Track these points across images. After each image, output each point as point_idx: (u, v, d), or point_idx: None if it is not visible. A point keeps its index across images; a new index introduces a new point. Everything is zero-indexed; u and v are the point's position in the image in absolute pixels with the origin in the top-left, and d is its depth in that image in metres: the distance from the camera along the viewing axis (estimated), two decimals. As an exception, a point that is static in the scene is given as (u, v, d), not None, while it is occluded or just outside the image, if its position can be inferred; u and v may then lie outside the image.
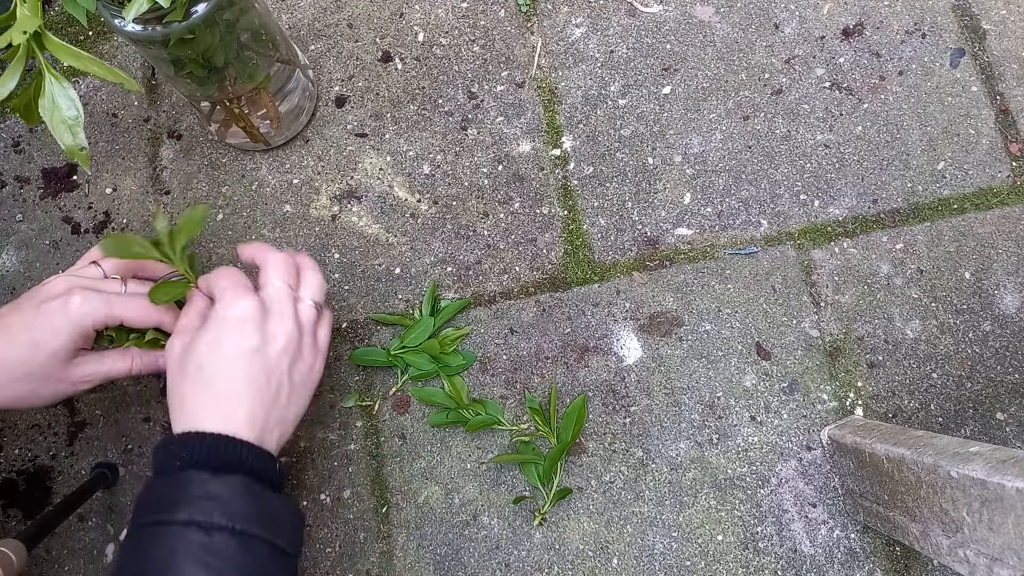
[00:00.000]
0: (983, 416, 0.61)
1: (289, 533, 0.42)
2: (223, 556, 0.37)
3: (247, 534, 0.39)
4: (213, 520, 0.38)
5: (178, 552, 0.37)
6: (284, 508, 0.42)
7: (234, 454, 0.41)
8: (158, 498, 0.40)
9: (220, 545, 0.38)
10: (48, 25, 0.72)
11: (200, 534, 0.38)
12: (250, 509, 0.39)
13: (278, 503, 0.42)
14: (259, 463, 0.42)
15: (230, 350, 0.44)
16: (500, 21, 0.72)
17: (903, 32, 0.70)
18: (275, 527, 0.40)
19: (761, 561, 0.59)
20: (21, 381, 0.46)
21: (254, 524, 0.39)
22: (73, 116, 0.44)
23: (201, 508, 0.38)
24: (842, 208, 0.66)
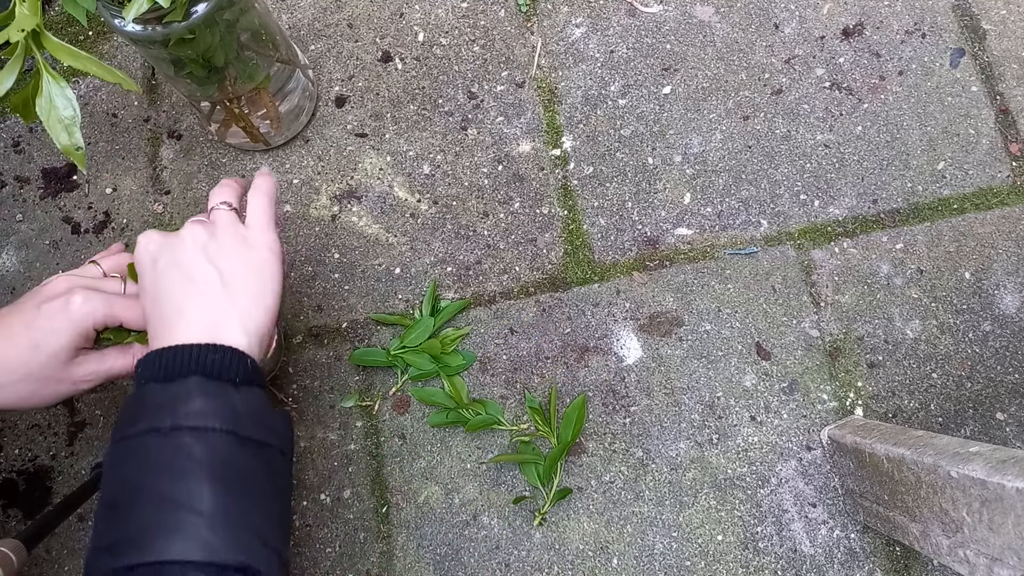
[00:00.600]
0: (983, 416, 0.61)
1: (259, 423, 0.41)
2: (185, 455, 0.37)
3: (204, 429, 0.38)
4: (167, 423, 0.38)
5: (142, 459, 0.38)
6: (250, 400, 0.41)
7: (184, 359, 0.40)
8: (124, 417, 0.40)
9: (182, 445, 0.38)
10: (48, 25, 0.72)
11: (159, 439, 0.38)
12: (205, 405, 0.39)
13: (240, 395, 0.40)
14: (215, 361, 0.41)
15: (147, 273, 0.44)
16: (500, 21, 0.72)
17: (903, 32, 0.70)
18: (238, 418, 0.40)
19: (761, 561, 0.59)
20: (22, 382, 0.46)
21: (210, 418, 0.38)
22: (70, 116, 0.44)
23: (157, 415, 0.38)
24: (842, 208, 0.66)
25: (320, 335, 0.64)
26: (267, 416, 0.42)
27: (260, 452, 0.40)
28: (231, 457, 0.39)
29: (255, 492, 0.39)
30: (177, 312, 0.43)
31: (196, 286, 0.43)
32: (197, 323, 0.42)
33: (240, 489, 0.39)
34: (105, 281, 0.50)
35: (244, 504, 0.38)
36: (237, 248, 0.46)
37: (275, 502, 0.41)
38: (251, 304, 0.45)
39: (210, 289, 0.44)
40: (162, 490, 0.37)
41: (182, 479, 0.37)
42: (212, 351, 0.41)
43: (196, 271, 0.44)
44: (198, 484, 0.37)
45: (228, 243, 0.46)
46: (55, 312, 0.46)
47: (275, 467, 0.42)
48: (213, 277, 0.44)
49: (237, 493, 0.38)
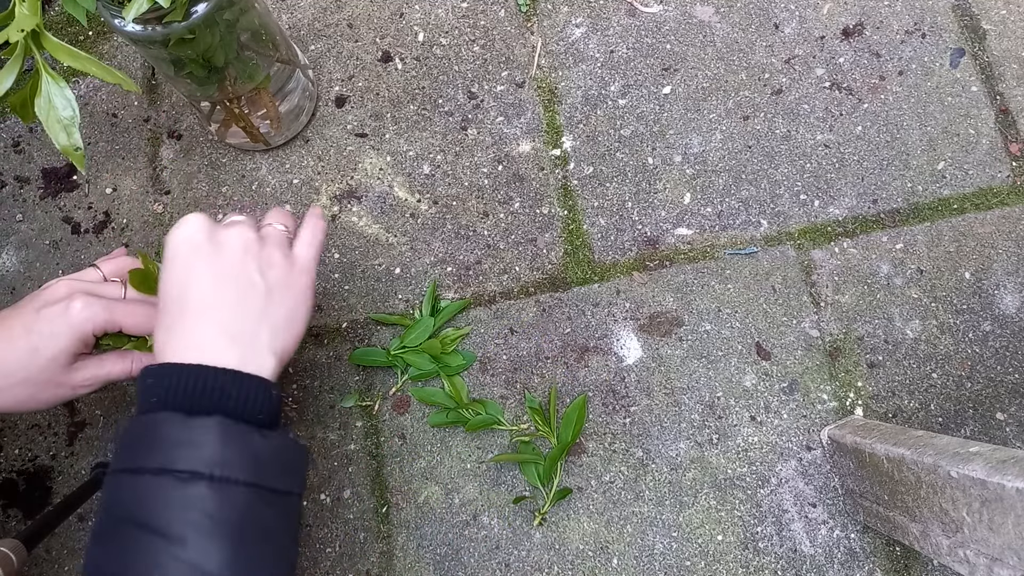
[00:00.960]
0: (983, 416, 0.61)
1: (280, 471, 0.39)
2: (202, 510, 0.35)
3: (225, 480, 0.36)
4: (186, 468, 0.36)
5: (155, 504, 0.36)
6: (273, 445, 0.39)
7: (210, 387, 0.38)
8: (134, 442, 0.38)
9: (198, 497, 0.36)
10: (48, 25, 0.72)
11: (174, 483, 0.36)
12: (227, 454, 0.37)
13: (265, 441, 0.38)
14: (241, 396, 0.38)
15: (185, 267, 0.42)
16: (500, 21, 0.72)
17: (903, 32, 0.70)
18: (261, 469, 0.38)
19: (761, 561, 0.59)
20: (20, 385, 0.45)
21: (233, 469, 0.36)
22: (69, 116, 0.44)
23: (174, 455, 0.36)
24: (842, 208, 0.66)
25: (320, 335, 0.64)
26: (289, 460, 0.40)
27: (279, 502, 0.39)
28: (249, 512, 0.37)
29: (270, 550, 0.38)
30: (209, 315, 0.41)
31: (238, 292, 0.42)
32: (223, 331, 0.40)
33: (256, 549, 0.37)
34: (105, 286, 0.49)
35: (258, 564, 0.37)
36: (285, 266, 0.45)
37: (288, 555, 0.39)
38: (285, 325, 0.43)
39: (252, 298, 0.42)
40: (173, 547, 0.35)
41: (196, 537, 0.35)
42: (238, 383, 0.39)
43: (243, 277, 0.42)
44: (213, 544, 0.35)
45: (278, 259, 0.45)
46: (55, 317, 0.45)
47: (291, 514, 0.40)
48: (258, 287, 0.42)
49: (254, 553, 0.37)
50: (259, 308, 0.42)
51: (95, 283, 0.49)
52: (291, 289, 0.44)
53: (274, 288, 0.43)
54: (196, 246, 0.42)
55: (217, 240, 0.43)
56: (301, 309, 0.45)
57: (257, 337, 0.41)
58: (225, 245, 0.43)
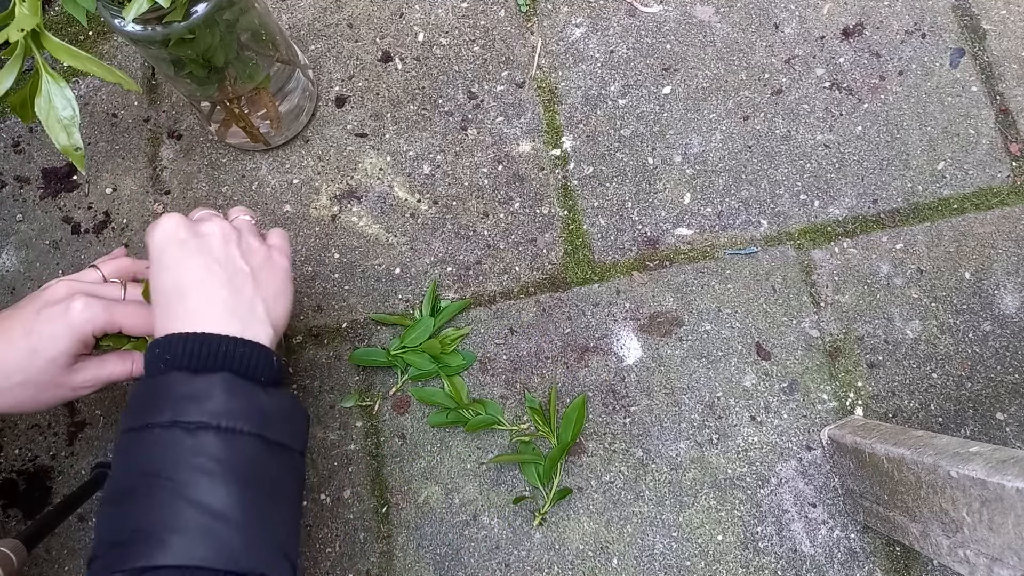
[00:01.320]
0: (983, 416, 0.61)
1: (283, 426, 0.41)
2: (209, 455, 0.37)
3: (231, 430, 0.38)
4: (194, 419, 0.37)
5: (165, 454, 0.37)
6: (276, 402, 0.41)
7: (215, 349, 0.40)
8: (143, 402, 0.39)
9: (206, 444, 0.37)
10: (48, 25, 0.72)
11: (184, 435, 0.37)
12: (233, 405, 0.38)
13: (268, 397, 0.40)
14: (244, 356, 0.40)
15: (174, 258, 0.43)
16: (500, 21, 0.72)
17: (903, 32, 0.70)
18: (266, 421, 0.39)
19: (761, 561, 0.59)
20: (20, 387, 0.45)
21: (239, 419, 0.38)
22: (69, 116, 0.44)
23: (183, 408, 0.38)
24: (842, 208, 0.66)
25: (320, 335, 0.64)
26: (291, 418, 0.42)
27: (283, 456, 0.40)
28: (256, 461, 0.38)
29: (277, 499, 0.39)
30: (204, 296, 0.42)
31: (227, 275, 0.43)
32: (220, 307, 0.42)
33: (262, 494, 0.38)
34: (105, 287, 0.49)
35: (266, 512, 0.38)
36: (264, 251, 0.47)
37: (293, 509, 0.41)
38: (275, 300, 0.45)
39: (240, 281, 0.44)
40: (182, 489, 0.36)
41: (205, 480, 0.37)
42: (241, 345, 0.41)
43: (229, 263, 0.44)
44: (221, 487, 0.37)
45: (256, 244, 0.47)
46: (54, 318, 0.45)
47: (296, 471, 0.41)
48: (244, 271, 0.44)
49: (259, 498, 0.38)
50: (250, 287, 0.44)
51: (95, 284, 0.49)
52: (273, 271, 0.47)
53: (258, 270, 0.46)
54: (180, 241, 0.44)
55: (198, 233, 0.45)
56: (285, 288, 0.47)
57: (253, 310, 0.43)
58: (207, 236, 0.45)
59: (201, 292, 0.42)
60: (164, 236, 0.44)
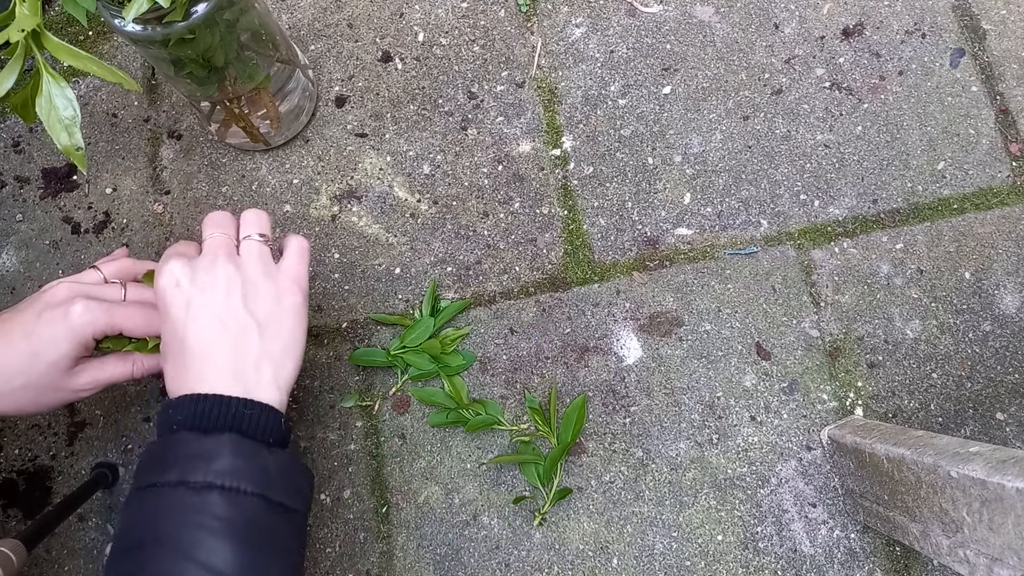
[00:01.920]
0: (983, 416, 0.61)
1: (287, 487, 0.41)
2: (212, 514, 0.37)
3: (236, 490, 0.38)
4: (200, 479, 0.38)
5: (171, 513, 0.38)
6: (281, 463, 0.41)
7: (221, 411, 0.40)
8: (152, 461, 0.40)
9: (210, 503, 0.38)
10: (48, 25, 0.72)
11: (189, 494, 0.38)
12: (239, 465, 0.39)
13: (273, 458, 0.41)
14: (251, 418, 0.41)
15: (177, 315, 0.43)
16: (500, 21, 0.72)
17: (903, 32, 0.70)
18: (270, 482, 0.40)
19: (761, 561, 0.59)
20: (21, 390, 0.45)
21: (243, 480, 0.39)
22: (70, 116, 0.44)
23: (189, 468, 0.38)
24: (842, 208, 0.66)
25: (320, 335, 0.64)
26: (295, 479, 0.42)
27: (286, 516, 0.41)
28: (258, 520, 0.39)
29: (277, 555, 0.39)
30: (209, 358, 0.42)
31: (231, 335, 0.43)
32: (227, 372, 0.42)
33: (263, 552, 0.38)
34: (105, 288, 0.49)
35: (265, 567, 0.38)
36: (271, 291, 0.46)
37: (294, 564, 0.41)
38: (284, 355, 0.45)
39: (246, 339, 0.43)
40: (183, 546, 0.37)
41: (206, 538, 0.37)
42: (248, 407, 0.41)
43: (231, 319, 0.44)
44: (222, 544, 0.37)
45: (263, 286, 0.46)
46: (55, 321, 0.45)
47: (297, 529, 0.42)
48: (250, 327, 0.44)
49: (259, 556, 0.38)
50: (256, 347, 0.44)
51: (95, 285, 0.49)
52: (284, 315, 0.46)
53: (265, 323, 0.45)
54: (183, 292, 0.44)
55: (202, 287, 0.44)
56: (298, 331, 0.46)
57: (260, 374, 0.43)
58: (209, 291, 0.44)
59: (205, 352, 0.42)
60: (166, 284, 0.44)
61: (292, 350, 0.45)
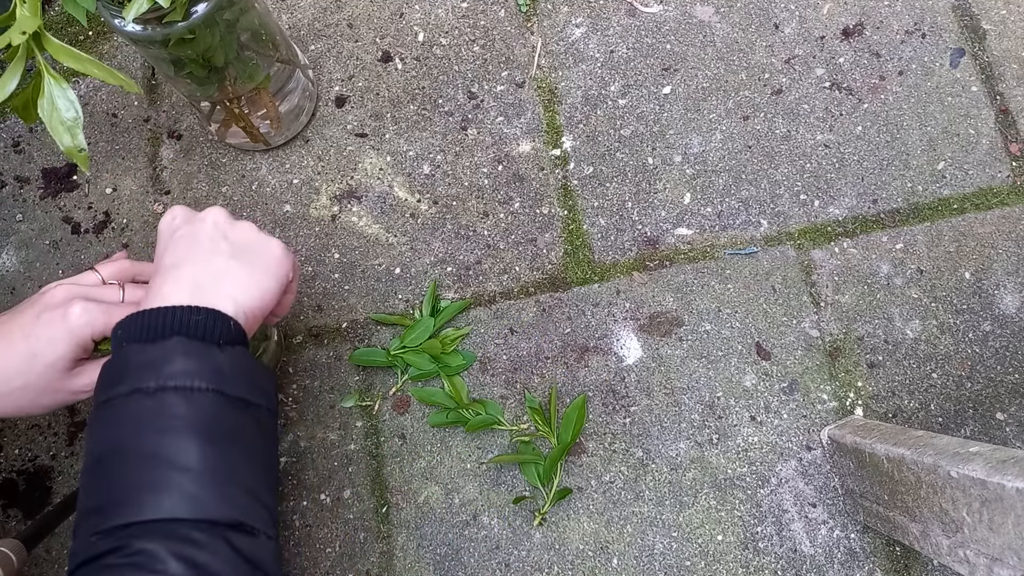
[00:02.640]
0: (983, 416, 0.61)
1: (246, 383, 0.41)
2: (171, 414, 0.37)
3: (191, 389, 0.38)
4: (152, 383, 0.38)
5: (130, 421, 0.38)
6: (235, 360, 0.41)
7: (165, 320, 0.40)
8: (106, 379, 0.40)
9: (167, 404, 0.38)
10: (48, 25, 0.72)
11: (145, 399, 0.38)
12: (189, 366, 0.39)
13: (226, 356, 0.40)
14: (198, 322, 0.40)
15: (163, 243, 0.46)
16: (500, 21, 0.72)
17: (903, 32, 0.70)
18: (224, 378, 0.40)
19: (761, 561, 0.59)
20: (20, 391, 0.45)
21: (195, 378, 0.38)
22: (72, 117, 0.44)
23: (142, 376, 0.38)
24: (842, 208, 0.66)
25: (320, 335, 0.64)
26: (253, 375, 0.42)
27: (247, 410, 0.41)
28: (218, 415, 0.39)
29: (244, 449, 0.40)
30: (175, 274, 0.43)
31: (200, 249, 0.44)
32: (186, 284, 0.42)
33: (229, 446, 0.39)
34: (103, 289, 0.49)
35: (233, 461, 0.38)
36: (254, 234, 0.47)
37: (264, 459, 0.41)
38: (249, 280, 0.44)
39: (211, 254, 0.44)
40: (148, 449, 0.37)
41: (169, 437, 0.37)
42: (194, 312, 0.41)
43: (205, 237, 0.45)
44: (185, 441, 0.37)
45: (247, 228, 0.47)
46: (53, 322, 0.45)
47: (263, 425, 0.42)
48: (220, 245, 0.45)
49: (226, 450, 0.38)
50: (223, 265, 0.44)
51: (93, 287, 0.49)
52: (259, 252, 0.46)
53: (240, 249, 0.45)
54: (175, 226, 0.46)
55: (191, 217, 0.47)
56: (272, 271, 0.46)
57: (218, 286, 0.43)
58: (199, 219, 0.46)
59: (171, 268, 0.43)
60: (162, 226, 0.47)
61: (260, 282, 0.45)
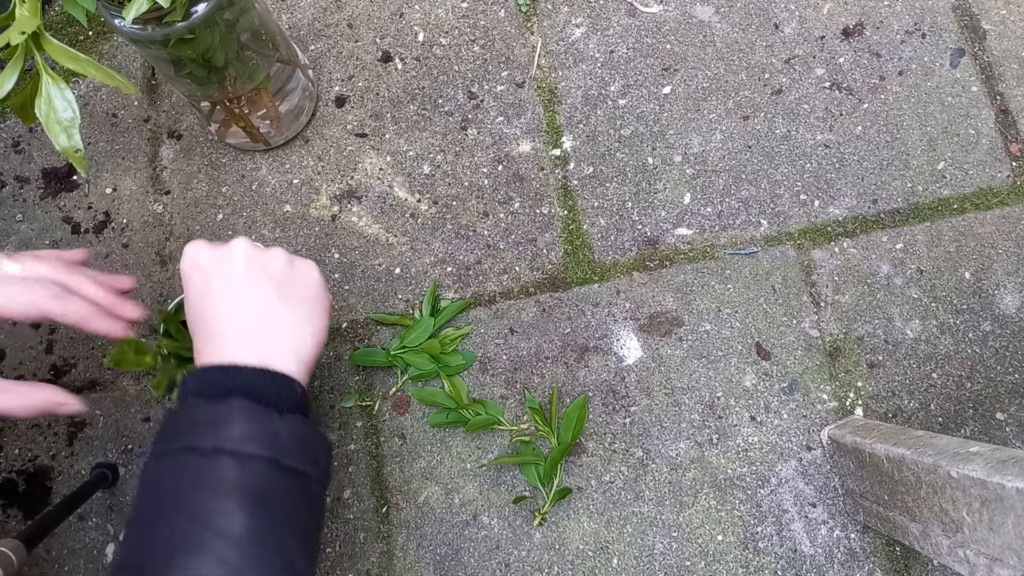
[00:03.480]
0: (983, 416, 0.61)
1: (300, 453, 0.40)
2: (222, 477, 0.37)
3: (246, 455, 0.38)
4: (209, 444, 0.38)
5: (181, 478, 0.38)
6: (293, 428, 0.41)
7: (232, 378, 0.40)
8: (165, 430, 0.40)
9: (220, 467, 0.38)
10: (48, 25, 0.72)
11: (199, 459, 0.38)
12: (248, 430, 0.39)
13: (284, 423, 0.40)
14: (262, 386, 0.41)
15: (196, 292, 0.44)
16: (500, 21, 0.72)
17: (903, 32, 0.70)
18: (281, 447, 0.39)
19: (761, 561, 0.59)
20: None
21: (252, 444, 0.38)
22: (69, 117, 0.44)
23: (199, 434, 0.38)
24: (842, 208, 0.66)
25: (320, 335, 0.64)
26: (310, 445, 0.42)
27: (298, 480, 0.40)
28: (268, 483, 0.39)
29: (288, 519, 0.39)
30: (227, 326, 0.43)
31: (242, 293, 0.43)
32: (243, 337, 0.42)
33: (274, 516, 0.38)
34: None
35: (276, 531, 0.38)
36: (288, 266, 0.46)
37: (307, 529, 0.41)
38: (302, 325, 0.45)
39: (257, 298, 0.44)
40: (194, 510, 0.37)
41: (216, 501, 0.37)
42: (260, 375, 0.41)
43: (241, 276, 0.44)
44: (231, 506, 0.37)
45: (280, 257, 0.46)
46: None
47: (311, 495, 0.42)
48: (262, 286, 0.44)
49: (270, 520, 0.38)
50: (274, 312, 0.44)
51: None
52: (302, 284, 0.46)
53: (284, 286, 0.45)
54: (201, 265, 0.45)
55: (220, 257, 0.45)
56: (318, 306, 0.46)
57: (276, 343, 0.43)
58: (227, 256, 0.45)
59: (223, 324, 0.43)
60: (186, 267, 0.45)
61: (312, 322, 0.45)
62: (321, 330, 0.46)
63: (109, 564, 0.60)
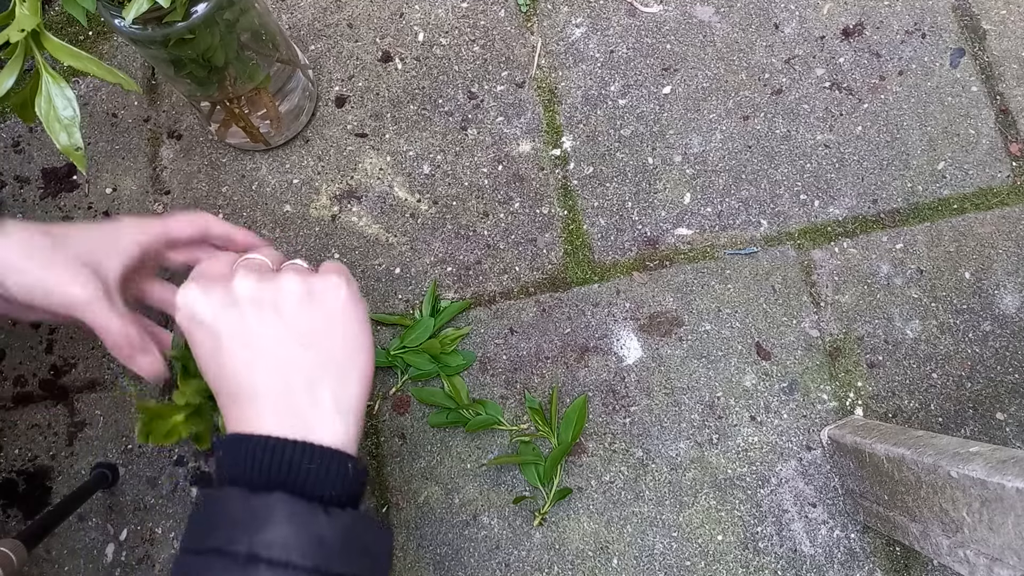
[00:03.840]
0: (983, 416, 0.61)
1: (350, 555, 0.34)
2: None
3: (285, 565, 0.32)
4: (244, 549, 0.33)
5: None
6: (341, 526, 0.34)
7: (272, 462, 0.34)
8: (200, 519, 0.35)
9: None
10: (48, 24, 0.72)
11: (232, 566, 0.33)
12: (288, 534, 0.33)
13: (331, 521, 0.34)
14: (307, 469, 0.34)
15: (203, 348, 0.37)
16: (500, 21, 0.72)
17: (903, 32, 0.70)
18: (326, 553, 0.33)
19: (761, 561, 0.59)
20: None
21: (294, 552, 0.33)
22: (69, 116, 0.44)
23: (232, 534, 0.33)
24: (842, 208, 0.66)
25: (320, 335, 0.64)
26: (363, 541, 0.35)
27: None
28: None
29: None
30: (250, 392, 0.35)
31: (267, 353, 0.36)
32: (278, 407, 0.35)
33: None
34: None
35: None
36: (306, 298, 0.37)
37: None
38: (342, 370, 0.37)
39: (284, 355, 0.36)
40: None
41: None
42: (303, 455, 0.34)
43: (261, 335, 0.36)
44: None
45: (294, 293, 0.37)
46: None
47: None
48: (285, 338, 0.36)
49: None
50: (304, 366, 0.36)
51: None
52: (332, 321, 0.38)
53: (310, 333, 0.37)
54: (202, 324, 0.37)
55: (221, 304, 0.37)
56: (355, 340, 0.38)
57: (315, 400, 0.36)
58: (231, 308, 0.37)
59: (243, 385, 0.36)
60: (184, 321, 0.37)
61: (350, 358, 0.37)
62: (365, 364, 0.37)
63: (109, 564, 0.60)
